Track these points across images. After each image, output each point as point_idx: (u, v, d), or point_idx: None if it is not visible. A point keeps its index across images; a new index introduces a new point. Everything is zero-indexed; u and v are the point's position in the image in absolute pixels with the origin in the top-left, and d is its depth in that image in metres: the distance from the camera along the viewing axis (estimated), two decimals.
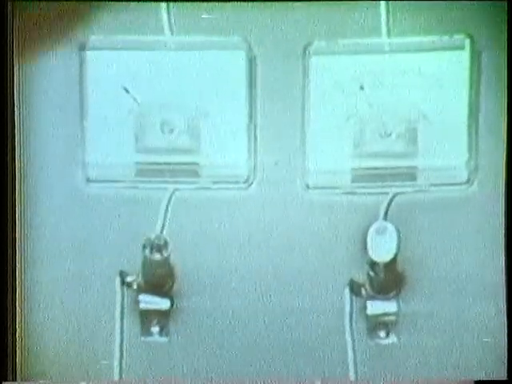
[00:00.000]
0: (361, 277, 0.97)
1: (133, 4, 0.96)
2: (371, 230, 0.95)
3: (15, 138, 0.97)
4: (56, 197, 0.97)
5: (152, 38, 0.96)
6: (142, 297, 0.98)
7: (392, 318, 0.98)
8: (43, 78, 0.97)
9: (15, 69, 0.96)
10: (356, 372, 0.98)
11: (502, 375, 0.97)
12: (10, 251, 0.96)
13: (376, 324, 0.98)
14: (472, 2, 0.96)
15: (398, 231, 0.95)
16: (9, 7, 0.96)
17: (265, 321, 0.98)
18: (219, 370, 0.98)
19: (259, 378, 0.97)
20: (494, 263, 0.97)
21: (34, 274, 0.97)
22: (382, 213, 0.97)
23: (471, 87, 0.95)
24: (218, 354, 0.98)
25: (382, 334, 0.98)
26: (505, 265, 0.97)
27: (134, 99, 0.93)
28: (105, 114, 0.96)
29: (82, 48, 0.96)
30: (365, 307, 0.98)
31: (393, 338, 0.98)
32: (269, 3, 0.96)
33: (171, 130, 0.96)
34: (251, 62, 0.96)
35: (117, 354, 0.98)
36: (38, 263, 0.97)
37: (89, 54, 0.96)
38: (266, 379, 0.97)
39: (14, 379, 0.97)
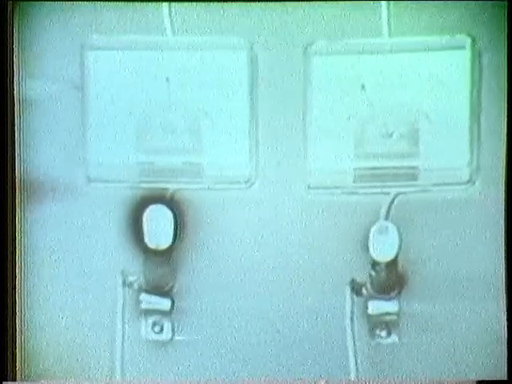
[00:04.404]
0: (362, 276, 0.98)
1: (134, 4, 0.96)
2: (373, 230, 0.96)
3: (15, 137, 0.97)
4: (58, 196, 0.97)
5: (154, 37, 0.96)
6: (143, 297, 0.98)
7: (393, 317, 0.98)
8: (43, 77, 0.96)
9: (15, 68, 0.96)
10: (357, 371, 0.98)
11: (503, 375, 0.97)
12: (10, 251, 0.96)
13: (377, 324, 0.98)
14: (472, 1, 0.96)
15: (400, 231, 0.96)
16: (9, 7, 0.96)
17: (266, 321, 0.98)
18: (220, 369, 0.98)
19: (260, 378, 0.97)
20: (495, 263, 0.97)
21: (34, 273, 0.97)
22: (383, 213, 0.97)
23: (472, 87, 0.95)
24: (218, 354, 0.98)
25: (383, 333, 0.98)
26: (505, 265, 0.97)
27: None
28: (107, 114, 0.96)
29: (83, 48, 0.96)
30: (366, 307, 0.98)
31: (394, 338, 0.98)
32: (270, 3, 0.96)
33: (173, 130, 0.96)
34: (252, 62, 0.96)
35: (118, 354, 0.98)
36: (39, 263, 0.97)
37: (90, 53, 0.96)
38: (266, 379, 0.97)
39: (14, 379, 0.97)
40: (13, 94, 0.96)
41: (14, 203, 0.97)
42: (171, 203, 0.97)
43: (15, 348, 0.97)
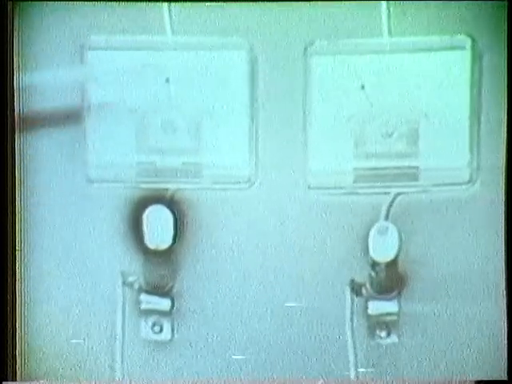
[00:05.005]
0: (362, 277, 0.98)
1: (134, 4, 0.96)
2: (373, 230, 0.96)
3: (15, 137, 0.96)
4: (57, 196, 0.97)
5: (153, 38, 0.96)
6: (143, 297, 0.98)
7: (393, 317, 0.98)
8: (44, 77, 0.96)
9: (15, 68, 0.96)
10: (356, 371, 0.98)
11: (502, 375, 0.97)
12: (10, 251, 0.96)
13: (377, 324, 0.98)
14: (472, 1, 0.96)
15: (400, 231, 0.96)
16: (9, 7, 0.96)
17: (266, 321, 0.98)
18: (219, 369, 0.98)
19: (260, 378, 0.97)
20: (495, 263, 0.97)
21: (34, 273, 0.97)
22: (383, 213, 0.97)
23: (472, 87, 0.95)
24: (218, 354, 0.98)
25: (383, 333, 0.98)
26: (505, 265, 0.97)
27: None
28: (107, 114, 0.96)
29: (83, 48, 0.96)
30: (366, 307, 0.98)
31: (393, 338, 0.98)
32: (270, 3, 0.96)
33: (173, 130, 0.96)
34: (252, 62, 0.96)
35: (118, 354, 0.98)
36: (39, 263, 0.97)
37: (90, 53, 0.96)
38: (266, 379, 0.97)
39: (14, 379, 0.97)
40: (13, 93, 0.96)
41: (14, 205, 0.97)
42: (171, 203, 0.97)
43: (15, 348, 0.97)
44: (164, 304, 0.98)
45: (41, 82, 0.96)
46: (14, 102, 0.96)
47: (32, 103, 0.97)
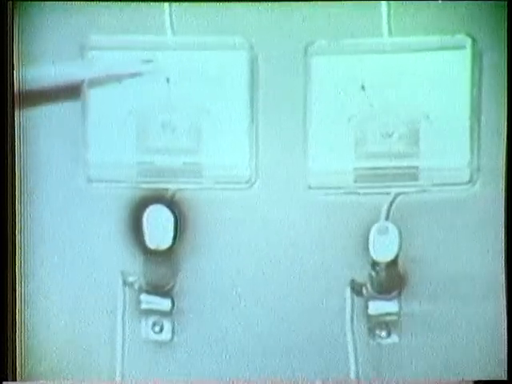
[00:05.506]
0: (362, 277, 0.98)
1: (134, 4, 0.96)
2: (373, 230, 0.96)
3: (15, 137, 0.96)
4: (57, 196, 0.97)
5: (154, 37, 0.96)
6: (143, 297, 0.98)
7: (393, 317, 0.98)
8: (43, 77, 0.96)
9: (15, 68, 0.96)
10: (357, 371, 0.98)
11: (502, 375, 0.97)
12: (10, 251, 0.96)
13: (377, 324, 0.98)
14: (472, 1, 0.96)
15: (400, 231, 0.96)
16: (9, 7, 0.96)
17: (266, 321, 0.98)
18: (220, 370, 0.98)
19: (260, 378, 0.97)
20: (495, 263, 0.97)
21: (34, 274, 0.97)
22: (383, 213, 0.97)
23: (473, 87, 0.95)
24: (218, 354, 0.98)
25: (383, 333, 0.98)
26: (505, 265, 0.97)
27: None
28: (107, 114, 0.96)
29: (83, 48, 0.96)
30: (366, 307, 0.98)
31: (394, 338, 0.98)
32: (270, 3, 0.96)
33: (173, 130, 0.96)
34: (253, 62, 0.96)
35: (118, 354, 0.98)
36: (39, 263, 0.97)
37: (90, 53, 0.96)
38: (266, 379, 0.97)
39: (14, 379, 0.97)
40: (13, 93, 0.96)
41: (14, 204, 0.96)
42: (171, 203, 0.97)
43: (15, 348, 0.97)
44: (164, 304, 0.98)
45: (41, 81, 0.96)
46: (14, 102, 0.96)
47: (32, 104, 0.97)
